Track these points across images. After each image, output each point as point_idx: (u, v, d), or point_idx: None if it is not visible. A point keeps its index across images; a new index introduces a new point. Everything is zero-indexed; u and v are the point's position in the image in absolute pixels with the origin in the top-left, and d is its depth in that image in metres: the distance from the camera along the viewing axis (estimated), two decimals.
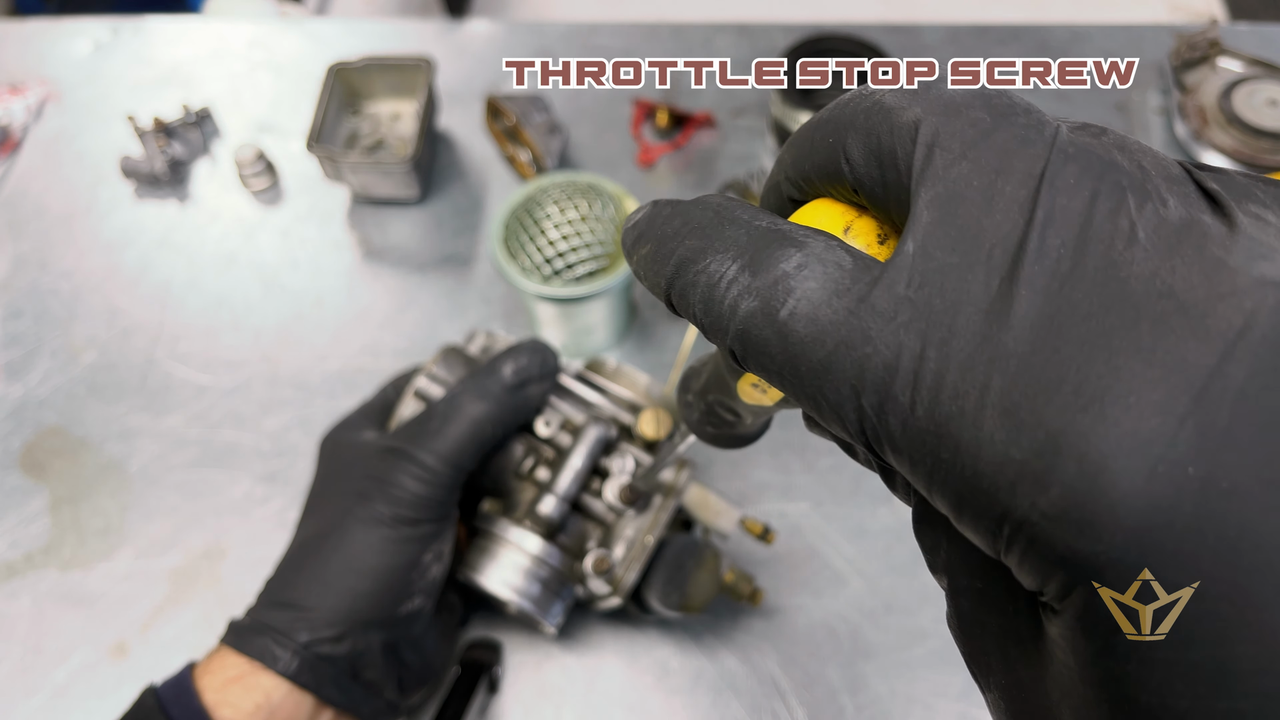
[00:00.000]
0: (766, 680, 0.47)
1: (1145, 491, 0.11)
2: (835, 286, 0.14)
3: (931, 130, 0.14)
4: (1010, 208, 0.13)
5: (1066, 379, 0.12)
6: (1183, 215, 0.12)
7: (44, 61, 0.75)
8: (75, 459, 0.55)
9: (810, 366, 0.14)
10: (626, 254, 0.18)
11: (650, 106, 0.69)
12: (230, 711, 0.35)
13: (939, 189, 0.13)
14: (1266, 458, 0.11)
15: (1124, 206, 0.12)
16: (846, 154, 0.15)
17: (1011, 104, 0.14)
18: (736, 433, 0.25)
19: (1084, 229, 0.12)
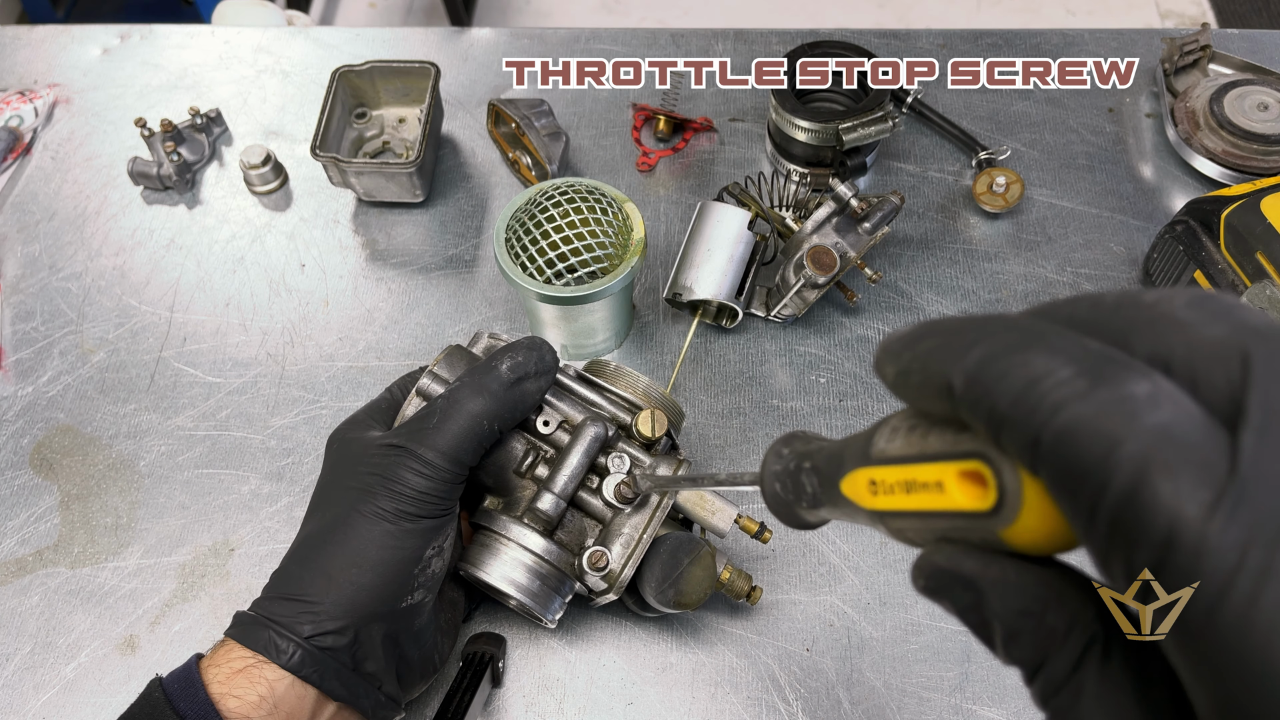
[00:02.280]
0: (764, 674, 0.48)
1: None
2: (1184, 434, 0.14)
3: (1245, 350, 0.14)
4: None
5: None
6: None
7: (54, 67, 0.76)
8: (85, 457, 0.56)
9: (1126, 498, 0.14)
10: (890, 354, 0.18)
11: (650, 112, 0.70)
12: (236, 703, 0.36)
13: (1268, 401, 0.14)
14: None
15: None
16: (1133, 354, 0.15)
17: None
18: (797, 511, 0.24)
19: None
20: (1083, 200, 0.66)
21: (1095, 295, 0.17)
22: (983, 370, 0.16)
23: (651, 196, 0.67)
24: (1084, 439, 0.14)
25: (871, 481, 0.20)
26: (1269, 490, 0.13)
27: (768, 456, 0.26)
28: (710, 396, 0.58)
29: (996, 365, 0.16)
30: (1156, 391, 0.14)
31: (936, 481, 0.17)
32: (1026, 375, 0.15)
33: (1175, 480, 0.13)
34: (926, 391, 0.17)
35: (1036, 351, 0.15)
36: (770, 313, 0.59)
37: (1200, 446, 0.14)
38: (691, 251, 0.58)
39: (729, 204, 0.59)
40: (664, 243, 0.64)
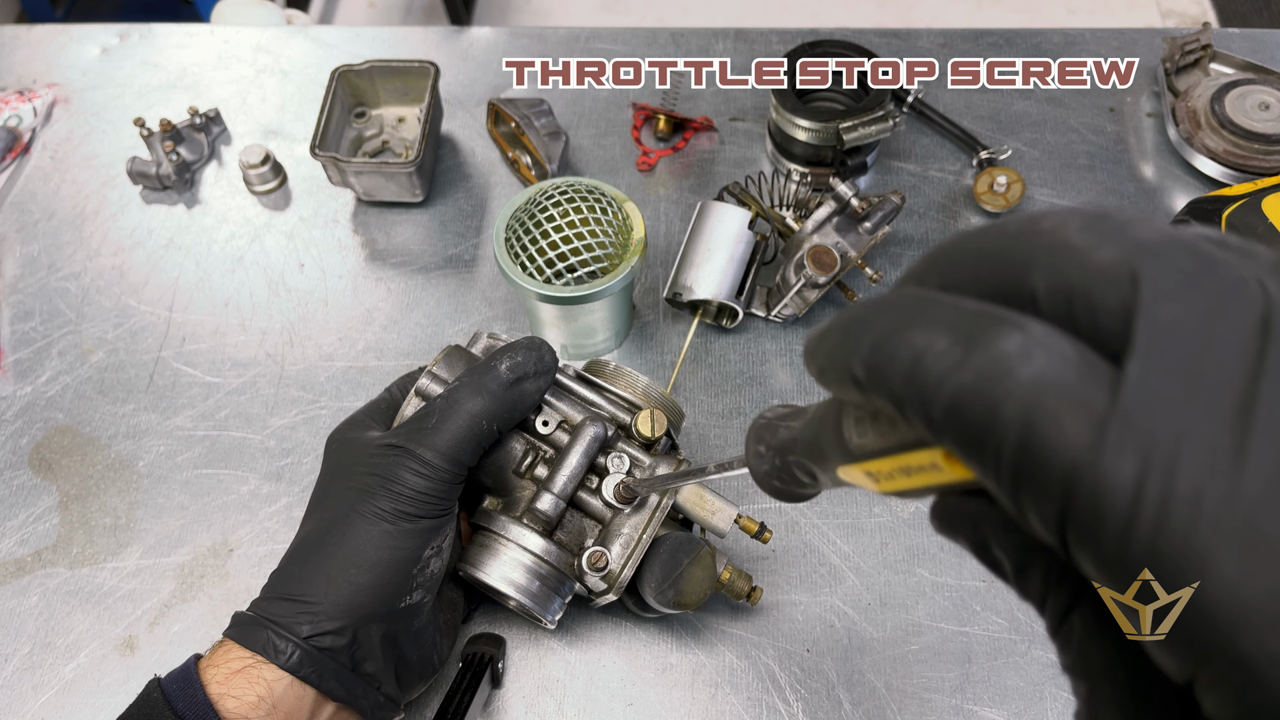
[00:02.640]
0: (764, 675, 0.48)
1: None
2: (1059, 378, 0.14)
3: (1134, 269, 0.14)
4: (1232, 352, 0.13)
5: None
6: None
7: (53, 66, 0.76)
8: (84, 458, 0.56)
9: (1019, 454, 0.14)
10: (809, 355, 0.18)
11: (650, 111, 0.70)
12: (234, 703, 0.36)
13: (1154, 324, 0.13)
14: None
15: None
16: (1032, 294, 0.15)
17: (1209, 253, 0.14)
18: (803, 492, 0.25)
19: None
20: (1084, 199, 0.66)
21: (1002, 223, 0.16)
22: (874, 357, 0.16)
23: (651, 196, 0.67)
24: (969, 408, 0.14)
25: (868, 473, 0.20)
26: (1157, 415, 0.13)
27: (750, 458, 0.26)
28: (710, 396, 0.58)
29: (885, 349, 0.16)
30: (1028, 342, 0.14)
31: (931, 463, 0.18)
32: (910, 354, 0.15)
33: (1060, 427, 0.13)
34: (845, 386, 0.17)
35: (917, 328, 0.15)
36: (771, 313, 0.59)
37: (1077, 387, 0.14)
38: (691, 251, 0.58)
39: (729, 203, 0.59)
40: (664, 242, 0.64)
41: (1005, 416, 0.14)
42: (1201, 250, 0.14)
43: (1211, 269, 0.14)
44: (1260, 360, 0.13)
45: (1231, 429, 0.13)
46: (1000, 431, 0.14)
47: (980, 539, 0.18)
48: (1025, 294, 0.15)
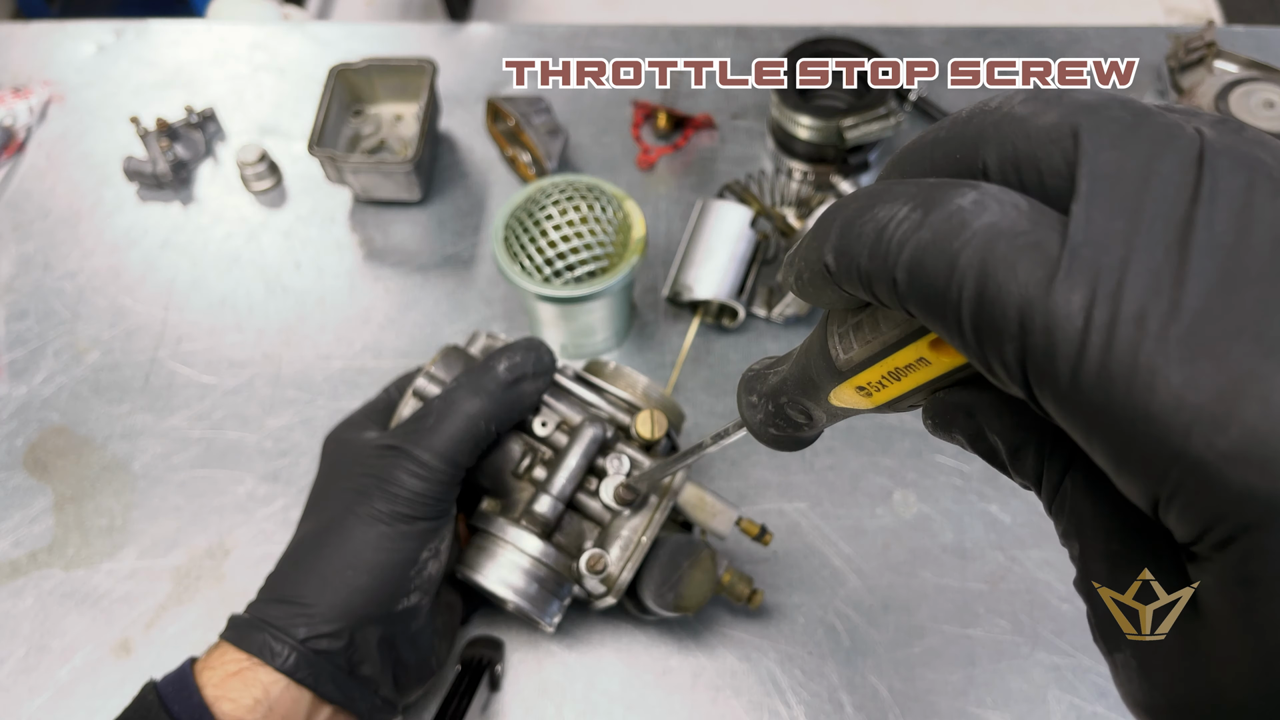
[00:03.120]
0: (765, 678, 0.48)
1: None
2: (1011, 225, 0.14)
3: (1074, 126, 0.15)
4: (1170, 186, 0.14)
5: (1246, 330, 0.12)
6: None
7: (48, 64, 0.75)
8: (79, 458, 0.56)
9: (977, 301, 0.14)
10: (787, 264, 0.19)
11: (650, 109, 0.69)
12: (230, 706, 0.36)
13: (1095, 169, 0.14)
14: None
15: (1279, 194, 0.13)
16: (983, 167, 0.16)
17: (1145, 107, 0.15)
18: (801, 435, 0.25)
19: (1246, 209, 0.13)
20: None
21: (956, 112, 0.17)
22: (842, 239, 0.17)
23: (651, 194, 0.66)
24: (929, 263, 0.15)
25: (858, 387, 0.21)
26: (1101, 249, 0.14)
27: (743, 410, 0.26)
28: (711, 397, 0.57)
29: (851, 230, 0.16)
30: (982, 196, 0.15)
31: (918, 358, 0.18)
32: (874, 227, 0.16)
33: (1013, 269, 0.14)
34: (816, 282, 0.18)
35: (880, 204, 0.16)
36: (772, 312, 0.58)
37: (1030, 231, 0.14)
38: (692, 250, 0.57)
39: (730, 202, 0.59)
40: (664, 241, 0.64)
41: (962, 265, 0.14)
42: (1139, 105, 0.15)
43: (1148, 119, 0.15)
44: (1195, 190, 0.13)
45: (1171, 253, 0.13)
46: (959, 281, 0.14)
47: (974, 428, 0.19)
48: (979, 168, 0.16)
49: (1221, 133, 0.14)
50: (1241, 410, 0.12)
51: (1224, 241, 0.13)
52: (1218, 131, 0.14)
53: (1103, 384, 0.13)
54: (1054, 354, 0.14)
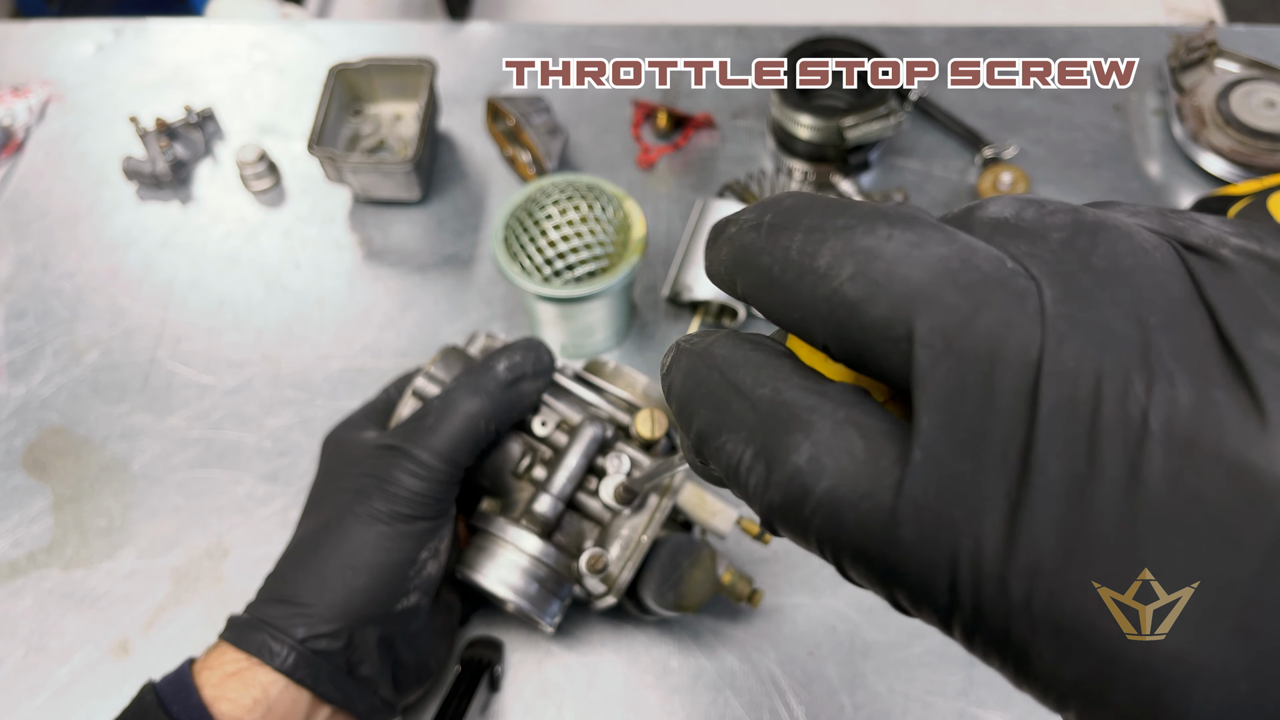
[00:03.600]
0: (765, 678, 0.48)
1: (1205, 708, 0.11)
2: (852, 489, 0.13)
3: (907, 328, 0.13)
4: (1012, 403, 0.12)
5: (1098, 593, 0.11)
6: (1193, 400, 0.11)
7: (47, 63, 0.75)
8: (78, 458, 0.55)
9: (840, 560, 0.14)
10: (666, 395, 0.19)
11: (650, 108, 0.69)
12: (229, 706, 0.35)
13: (934, 389, 0.13)
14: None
15: (1131, 392, 0.11)
16: (825, 346, 0.15)
17: (984, 281, 0.13)
18: None
19: (1094, 425, 0.11)
20: (1089, 198, 0.65)
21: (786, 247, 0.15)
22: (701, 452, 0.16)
23: (652, 194, 0.66)
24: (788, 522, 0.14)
25: None
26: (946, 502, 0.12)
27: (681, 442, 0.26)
28: None
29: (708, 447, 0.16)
30: (817, 453, 0.14)
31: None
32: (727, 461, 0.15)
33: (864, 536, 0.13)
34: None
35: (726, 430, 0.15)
36: None
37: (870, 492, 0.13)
38: (692, 250, 0.57)
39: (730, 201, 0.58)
40: (664, 240, 0.64)
41: (816, 538, 0.14)
42: (976, 276, 0.13)
43: (987, 302, 0.12)
44: (1031, 420, 0.12)
45: (1022, 499, 0.12)
46: (820, 547, 0.14)
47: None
48: (820, 344, 0.15)
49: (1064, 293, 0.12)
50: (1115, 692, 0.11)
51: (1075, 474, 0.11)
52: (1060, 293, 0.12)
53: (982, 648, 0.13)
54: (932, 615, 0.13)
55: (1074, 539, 0.11)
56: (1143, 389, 0.11)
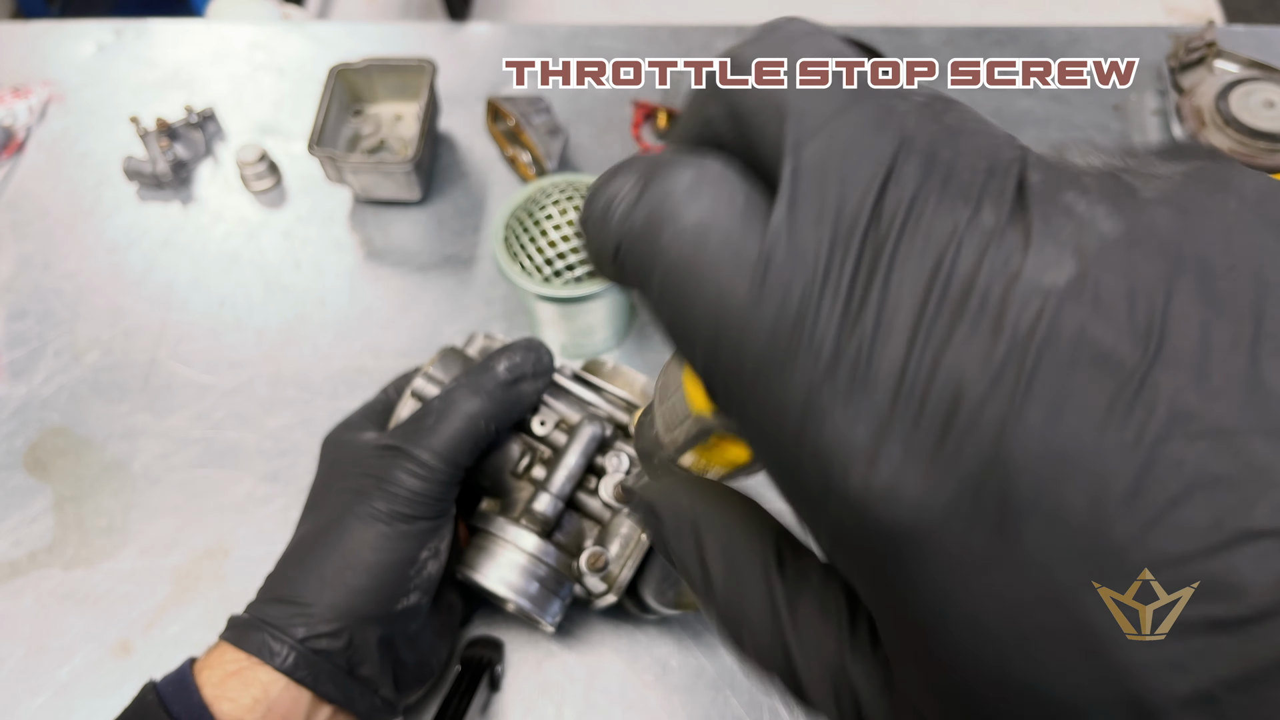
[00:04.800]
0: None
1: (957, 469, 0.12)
2: (723, 228, 0.14)
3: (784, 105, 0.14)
4: (863, 193, 0.13)
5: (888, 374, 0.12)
6: (991, 223, 0.12)
7: (47, 63, 0.75)
8: (78, 458, 0.55)
9: (674, 297, 0.14)
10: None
11: (650, 108, 0.69)
12: (229, 706, 0.36)
13: (801, 161, 0.14)
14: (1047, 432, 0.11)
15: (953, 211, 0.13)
16: (720, 132, 0.15)
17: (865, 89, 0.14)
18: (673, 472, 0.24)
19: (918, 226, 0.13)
20: None
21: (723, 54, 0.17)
22: (586, 208, 0.16)
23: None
24: (638, 251, 0.14)
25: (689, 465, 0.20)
26: (796, 265, 0.13)
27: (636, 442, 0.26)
28: None
29: (590, 201, 0.16)
30: (699, 180, 0.14)
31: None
32: (604, 201, 0.15)
33: (715, 276, 0.13)
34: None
35: (619, 174, 0.15)
36: None
37: (739, 237, 0.13)
38: None
39: None
40: None
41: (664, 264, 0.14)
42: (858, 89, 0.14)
43: (862, 102, 0.14)
44: (879, 198, 0.13)
45: (857, 275, 0.13)
46: (659, 277, 0.14)
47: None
48: (714, 133, 0.15)
49: (920, 120, 0.14)
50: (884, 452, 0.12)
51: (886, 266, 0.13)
52: (917, 118, 0.14)
53: (777, 411, 0.13)
54: (740, 370, 0.13)
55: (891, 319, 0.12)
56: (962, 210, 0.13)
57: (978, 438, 0.12)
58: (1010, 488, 0.11)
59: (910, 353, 0.12)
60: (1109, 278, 0.12)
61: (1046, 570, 0.11)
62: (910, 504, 0.12)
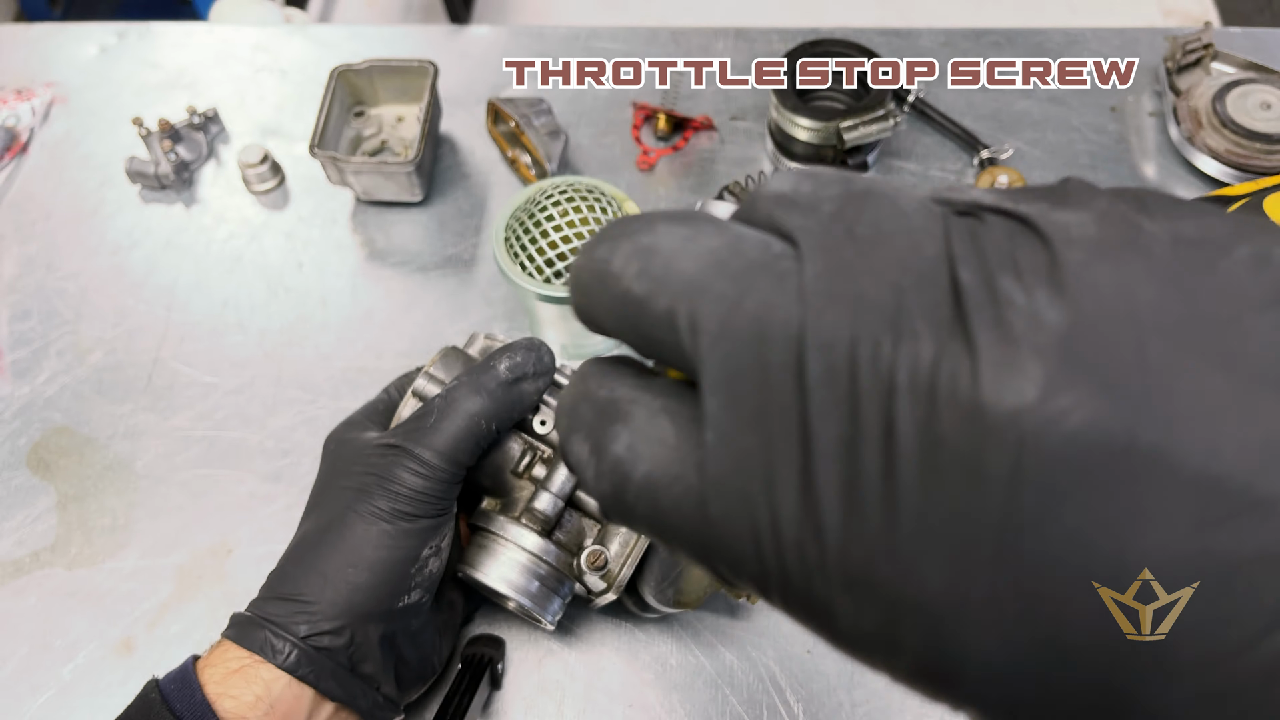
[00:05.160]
0: (764, 676, 0.48)
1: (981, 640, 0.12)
2: (665, 474, 0.14)
3: (685, 318, 0.14)
4: (782, 377, 0.13)
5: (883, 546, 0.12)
6: (933, 353, 0.12)
7: (50, 65, 0.75)
8: (82, 458, 0.56)
9: (666, 541, 0.15)
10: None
11: (650, 110, 0.70)
12: (231, 703, 0.36)
13: (714, 373, 0.13)
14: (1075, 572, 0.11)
15: (881, 352, 0.12)
16: (633, 344, 0.16)
17: (749, 266, 0.14)
18: None
19: (853, 389, 0.12)
20: None
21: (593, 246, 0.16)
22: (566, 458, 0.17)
23: (652, 195, 0.67)
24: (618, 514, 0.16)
25: None
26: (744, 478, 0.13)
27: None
28: None
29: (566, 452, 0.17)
30: (633, 441, 0.15)
31: None
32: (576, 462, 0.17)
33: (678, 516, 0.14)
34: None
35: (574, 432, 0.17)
36: None
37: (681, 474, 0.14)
38: None
39: (729, 203, 0.59)
40: None
41: (643, 522, 0.15)
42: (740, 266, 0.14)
43: (751, 288, 0.13)
44: (800, 375, 0.12)
45: (801, 467, 0.12)
46: (640, 526, 0.15)
47: None
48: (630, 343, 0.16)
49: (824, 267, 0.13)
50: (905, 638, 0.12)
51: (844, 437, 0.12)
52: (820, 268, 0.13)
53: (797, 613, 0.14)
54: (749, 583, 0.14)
55: (851, 495, 0.12)
56: (890, 348, 0.12)
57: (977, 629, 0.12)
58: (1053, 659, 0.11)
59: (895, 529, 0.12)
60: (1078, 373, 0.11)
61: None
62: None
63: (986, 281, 0.12)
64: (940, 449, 0.11)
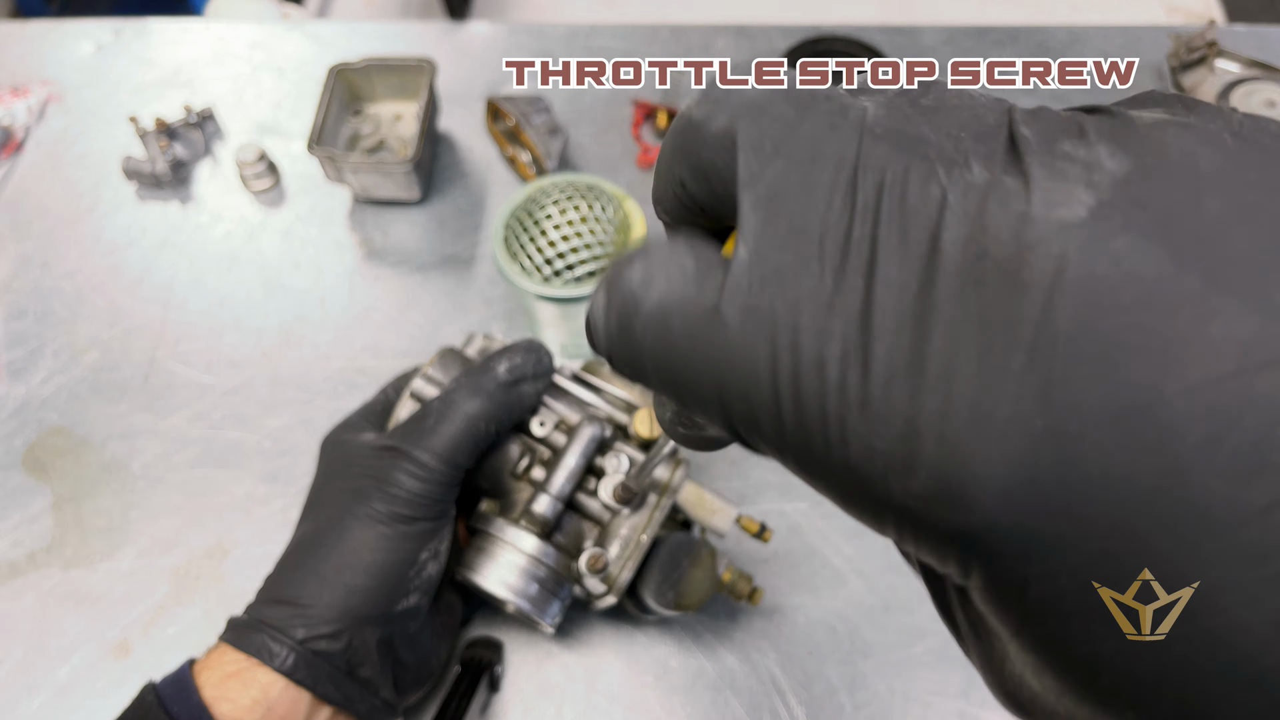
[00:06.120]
0: (765, 679, 0.48)
1: (1002, 456, 0.11)
2: (679, 297, 0.14)
3: (741, 134, 0.14)
4: (830, 195, 0.13)
5: (907, 360, 0.12)
6: (985, 177, 0.12)
7: (46, 63, 0.75)
8: (78, 458, 0.55)
9: (672, 378, 0.14)
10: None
11: (650, 108, 0.69)
12: (228, 707, 0.35)
13: (760, 189, 0.13)
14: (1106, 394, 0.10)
15: (934, 176, 0.12)
16: (682, 181, 0.15)
17: (813, 95, 0.14)
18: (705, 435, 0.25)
19: (902, 208, 0.12)
20: None
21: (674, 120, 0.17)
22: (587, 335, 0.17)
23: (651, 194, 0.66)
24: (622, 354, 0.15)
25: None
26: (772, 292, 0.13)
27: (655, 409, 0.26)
28: None
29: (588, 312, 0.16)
30: (648, 268, 0.14)
31: None
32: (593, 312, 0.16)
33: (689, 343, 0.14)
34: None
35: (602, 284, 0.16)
36: None
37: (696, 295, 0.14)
38: None
39: None
40: None
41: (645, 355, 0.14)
42: (805, 95, 0.14)
43: (810, 111, 0.14)
44: (851, 199, 0.12)
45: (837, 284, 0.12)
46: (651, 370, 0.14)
47: None
48: (680, 186, 0.16)
49: (885, 113, 0.13)
50: (921, 453, 0.11)
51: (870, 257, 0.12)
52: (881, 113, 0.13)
53: (802, 438, 0.13)
54: (754, 418, 0.13)
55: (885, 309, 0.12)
56: (944, 174, 0.12)
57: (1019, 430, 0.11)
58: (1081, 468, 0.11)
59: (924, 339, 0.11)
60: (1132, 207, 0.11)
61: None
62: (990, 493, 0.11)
63: (1047, 140, 0.12)
64: (983, 260, 0.11)
